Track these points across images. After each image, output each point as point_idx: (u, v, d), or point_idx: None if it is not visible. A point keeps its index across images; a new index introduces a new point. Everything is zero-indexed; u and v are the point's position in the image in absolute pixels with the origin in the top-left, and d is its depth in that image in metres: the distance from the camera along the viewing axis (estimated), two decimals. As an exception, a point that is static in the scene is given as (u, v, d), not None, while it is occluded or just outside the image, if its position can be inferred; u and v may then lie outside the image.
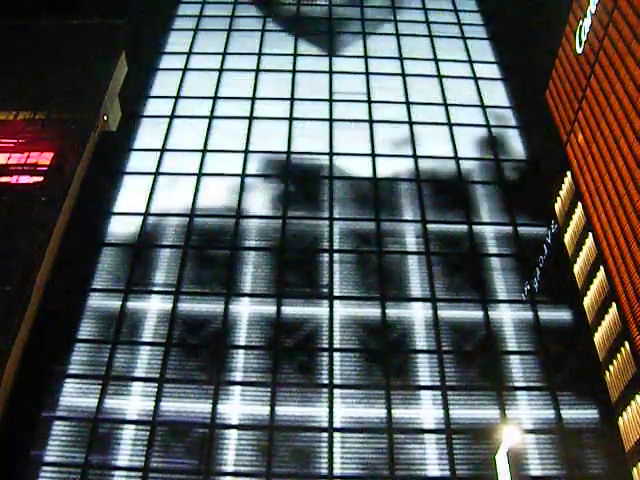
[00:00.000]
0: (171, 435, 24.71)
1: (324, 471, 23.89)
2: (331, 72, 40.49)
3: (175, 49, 42.23)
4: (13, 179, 30.90)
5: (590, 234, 29.27)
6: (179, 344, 27.30)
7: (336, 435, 24.75)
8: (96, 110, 34.25)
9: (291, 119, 37.22)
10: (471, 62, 41.70)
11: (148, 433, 24.61)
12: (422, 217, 32.22)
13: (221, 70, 40.52)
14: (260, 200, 32.93)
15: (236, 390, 25.94)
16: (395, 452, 24.32)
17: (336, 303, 28.61)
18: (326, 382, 26.10)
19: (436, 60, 41.69)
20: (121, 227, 31.65)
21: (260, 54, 41.69)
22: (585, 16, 32.18)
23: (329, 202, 32.84)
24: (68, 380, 26.11)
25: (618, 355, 25.57)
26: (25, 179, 30.92)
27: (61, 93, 33.84)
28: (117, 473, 23.85)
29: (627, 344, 24.94)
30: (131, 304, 28.55)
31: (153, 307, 28.46)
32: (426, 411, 25.47)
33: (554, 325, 28.37)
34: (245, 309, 28.45)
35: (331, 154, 35.28)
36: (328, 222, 31.88)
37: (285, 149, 35.47)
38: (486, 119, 37.80)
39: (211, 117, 37.31)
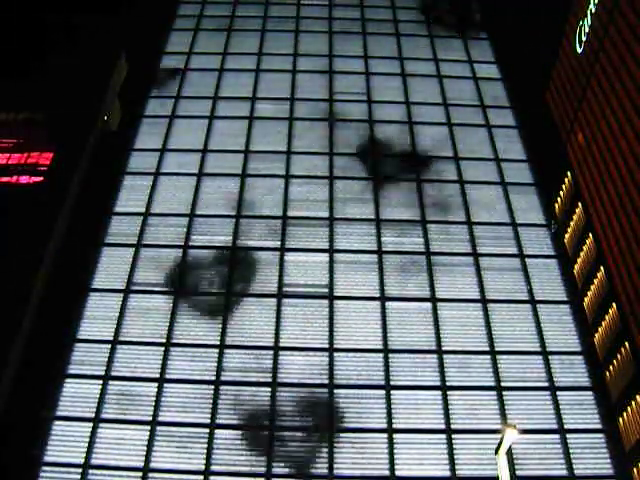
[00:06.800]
0: (171, 435, 24.69)
1: (325, 471, 23.89)
2: (331, 72, 40.50)
3: (175, 49, 42.24)
4: (13, 179, 30.92)
5: (590, 234, 29.27)
6: (179, 344, 27.30)
7: (336, 436, 24.76)
8: (96, 110, 34.26)
9: (291, 119, 37.23)
10: (471, 62, 41.73)
11: (148, 433, 24.61)
12: (422, 217, 32.28)
13: (221, 70, 40.54)
14: (260, 199, 32.99)
15: (237, 390, 25.92)
16: (395, 452, 24.34)
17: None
18: (326, 382, 26.16)
19: (436, 60, 41.71)
20: (121, 227, 31.64)
21: (260, 54, 41.71)
22: (585, 16, 32.19)
23: (329, 202, 32.83)
24: (68, 380, 26.11)
25: (618, 355, 25.57)
26: (25, 179, 30.94)
27: (61, 93, 33.82)
28: (117, 473, 23.82)
29: (627, 344, 24.95)
30: (131, 304, 28.55)
31: (153, 307, 28.46)
32: (426, 411, 25.50)
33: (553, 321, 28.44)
34: (246, 307, 28.49)
35: (331, 154, 35.28)
36: (328, 222, 31.89)
37: (285, 149, 35.52)
38: (486, 119, 37.81)
39: (211, 117, 37.32)
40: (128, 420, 25.01)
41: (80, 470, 23.77)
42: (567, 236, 31.62)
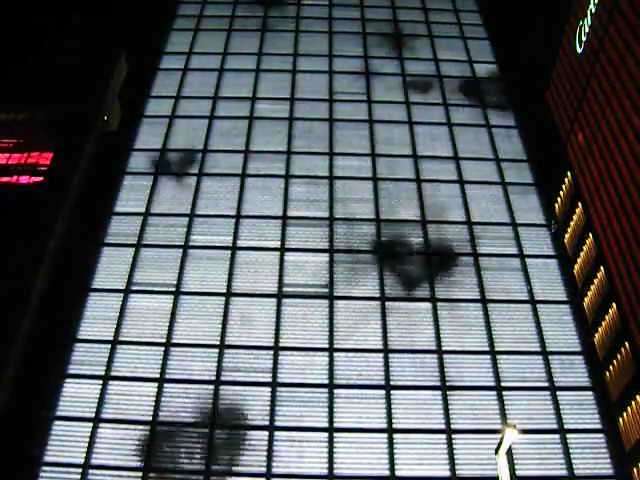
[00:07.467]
0: (172, 435, 24.69)
1: (324, 471, 23.89)
2: (331, 72, 40.50)
3: (175, 49, 42.22)
4: (13, 179, 30.94)
5: (590, 234, 29.27)
6: (179, 344, 27.30)
7: (336, 436, 24.77)
8: (96, 110, 34.26)
9: (291, 119, 37.23)
10: (471, 62, 41.73)
11: (148, 433, 24.61)
12: (422, 217, 32.27)
13: (221, 70, 40.54)
14: (260, 200, 33.00)
15: (237, 390, 25.92)
16: (395, 452, 24.34)
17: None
18: (326, 382, 26.16)
19: (436, 60, 41.71)
20: (121, 227, 31.64)
21: (260, 54, 41.71)
22: (585, 16, 32.19)
23: (329, 202, 32.83)
24: (68, 380, 26.12)
25: (618, 355, 25.57)
26: (25, 179, 30.96)
27: (61, 93, 33.82)
28: (117, 473, 23.82)
29: (627, 344, 24.95)
30: (131, 304, 28.55)
31: (153, 306, 28.45)
32: (426, 411, 25.49)
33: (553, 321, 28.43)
34: (246, 306, 28.49)
35: (331, 154, 35.28)
36: (328, 222, 31.89)
37: (285, 149, 35.53)
38: (486, 119, 37.81)
39: (211, 117, 37.32)
40: (128, 420, 25.01)
41: (80, 470, 23.78)
42: (567, 236, 31.62)
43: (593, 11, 31.21)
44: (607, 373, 26.29)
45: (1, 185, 30.61)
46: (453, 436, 24.72)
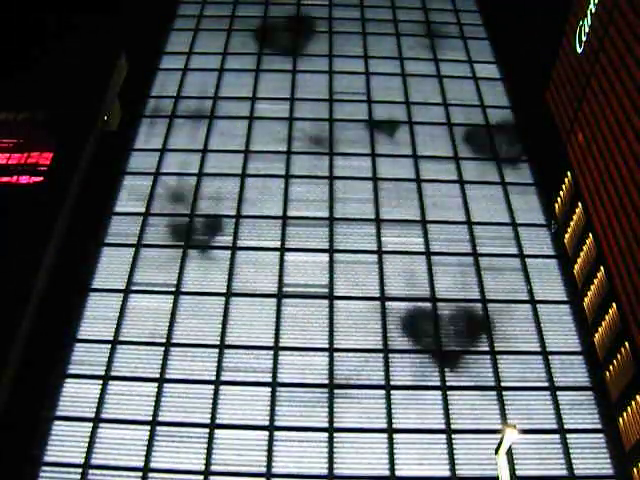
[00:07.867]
0: (172, 435, 24.69)
1: (324, 471, 23.89)
2: (331, 72, 40.49)
3: (175, 49, 42.23)
4: (13, 179, 30.94)
5: (590, 234, 29.27)
6: (179, 344, 27.31)
7: (336, 436, 24.77)
8: (96, 110, 34.26)
9: (291, 119, 37.22)
10: (471, 62, 41.72)
11: (148, 433, 24.61)
12: (422, 217, 32.27)
13: (221, 70, 40.54)
14: (260, 200, 33.00)
15: (237, 390, 25.93)
16: (395, 452, 24.34)
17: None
18: (326, 382, 26.15)
19: (436, 60, 41.70)
20: (121, 227, 31.64)
21: (260, 54, 41.69)
22: (585, 16, 32.19)
23: (329, 202, 32.83)
24: (68, 380, 26.12)
25: (618, 355, 25.57)
26: (25, 179, 30.96)
27: (61, 93, 33.82)
28: (117, 473, 23.82)
29: (627, 344, 24.95)
30: (131, 304, 28.54)
31: (153, 306, 28.45)
32: (426, 411, 25.49)
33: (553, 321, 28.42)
34: (246, 307, 28.49)
35: (331, 154, 35.27)
36: (328, 222, 31.89)
37: (285, 149, 35.52)
38: (486, 119, 37.80)
39: (211, 117, 37.32)
40: (128, 420, 25.01)
41: (80, 470, 23.78)
42: (567, 236, 31.62)
43: (593, 11, 31.21)
44: (607, 373, 26.29)
45: (1, 185, 30.61)
46: (453, 436, 24.73)
